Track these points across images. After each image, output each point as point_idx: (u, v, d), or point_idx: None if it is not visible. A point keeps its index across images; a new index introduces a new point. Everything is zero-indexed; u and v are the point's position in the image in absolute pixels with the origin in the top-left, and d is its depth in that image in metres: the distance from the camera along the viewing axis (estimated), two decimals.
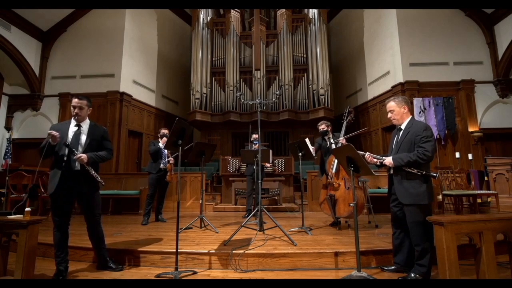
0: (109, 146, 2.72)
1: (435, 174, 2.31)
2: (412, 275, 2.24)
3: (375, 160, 2.50)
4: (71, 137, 2.53)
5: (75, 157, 2.43)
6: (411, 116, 2.49)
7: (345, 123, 4.00)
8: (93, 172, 2.51)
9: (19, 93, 7.99)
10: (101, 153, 2.62)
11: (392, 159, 2.36)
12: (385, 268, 2.55)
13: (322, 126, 4.25)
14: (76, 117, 2.58)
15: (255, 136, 5.36)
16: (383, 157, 2.48)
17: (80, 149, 2.52)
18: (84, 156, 2.45)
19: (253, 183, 4.95)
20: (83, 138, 2.56)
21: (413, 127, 2.39)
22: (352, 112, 4.10)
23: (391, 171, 2.47)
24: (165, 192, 4.95)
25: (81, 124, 2.60)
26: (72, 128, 2.57)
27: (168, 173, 4.74)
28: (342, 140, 3.73)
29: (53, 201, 2.50)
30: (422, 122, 2.52)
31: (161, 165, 4.64)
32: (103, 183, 2.57)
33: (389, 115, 2.52)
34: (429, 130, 2.33)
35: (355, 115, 4.27)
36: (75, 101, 2.58)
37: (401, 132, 2.47)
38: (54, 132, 2.36)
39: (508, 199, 5.49)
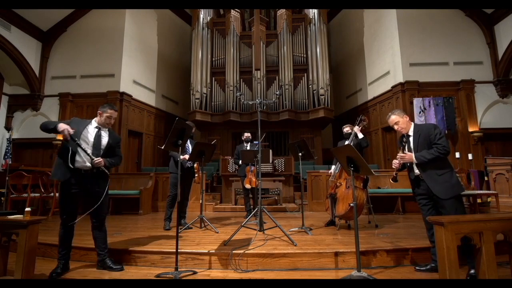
0: (120, 154, 2.86)
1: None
2: (473, 271, 2.22)
3: (399, 164, 2.61)
4: (92, 138, 2.61)
5: (93, 161, 2.52)
6: (412, 122, 2.72)
7: (355, 128, 4.05)
8: (104, 168, 2.60)
9: (19, 93, 7.98)
10: (113, 159, 2.75)
11: (415, 157, 2.50)
12: (418, 268, 2.55)
13: (347, 129, 4.28)
14: (106, 126, 2.71)
15: (247, 134, 5.13)
16: (404, 153, 2.58)
17: (100, 150, 2.63)
18: (102, 160, 2.56)
19: None
20: (105, 140, 2.68)
21: (422, 129, 2.59)
22: (365, 120, 4.11)
23: (416, 173, 2.57)
24: (189, 193, 4.42)
25: (101, 128, 2.71)
26: (93, 129, 2.66)
27: (197, 175, 4.15)
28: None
29: (62, 196, 2.54)
30: (427, 123, 2.72)
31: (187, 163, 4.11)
32: (107, 173, 2.66)
33: (396, 127, 2.69)
34: (438, 128, 2.56)
35: (355, 116, 4.28)
36: (113, 112, 2.71)
37: (411, 138, 2.63)
38: (70, 131, 2.42)
39: (508, 199, 5.49)
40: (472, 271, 2.23)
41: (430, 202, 2.54)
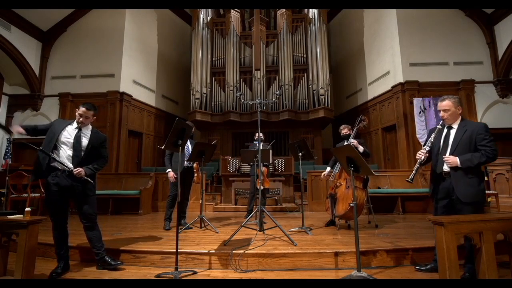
0: (105, 154, 2.75)
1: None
2: (468, 274, 2.22)
3: (424, 154, 2.47)
4: (72, 139, 2.56)
5: (73, 171, 2.47)
6: (461, 116, 2.47)
7: (355, 129, 4.06)
8: (86, 177, 2.54)
9: (19, 93, 7.98)
10: (97, 164, 2.64)
11: (460, 161, 2.28)
12: (418, 268, 2.53)
13: (345, 131, 4.28)
14: (79, 124, 2.62)
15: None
16: (447, 156, 2.35)
17: (81, 152, 2.56)
18: (82, 170, 2.50)
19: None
20: (85, 141, 2.60)
21: (469, 126, 2.37)
22: (365, 121, 4.11)
23: (445, 169, 2.38)
24: (189, 193, 4.39)
25: (82, 128, 2.64)
26: (72, 130, 2.60)
27: (196, 175, 4.19)
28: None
29: (47, 199, 2.53)
30: (478, 122, 2.52)
31: (185, 163, 4.08)
32: (92, 182, 2.60)
33: (442, 113, 2.45)
34: (489, 130, 2.34)
35: (356, 116, 4.29)
36: (82, 110, 2.61)
37: (453, 131, 2.43)
38: (19, 130, 2.58)
39: (508, 199, 5.49)
40: (467, 275, 2.22)
41: (448, 203, 2.39)
